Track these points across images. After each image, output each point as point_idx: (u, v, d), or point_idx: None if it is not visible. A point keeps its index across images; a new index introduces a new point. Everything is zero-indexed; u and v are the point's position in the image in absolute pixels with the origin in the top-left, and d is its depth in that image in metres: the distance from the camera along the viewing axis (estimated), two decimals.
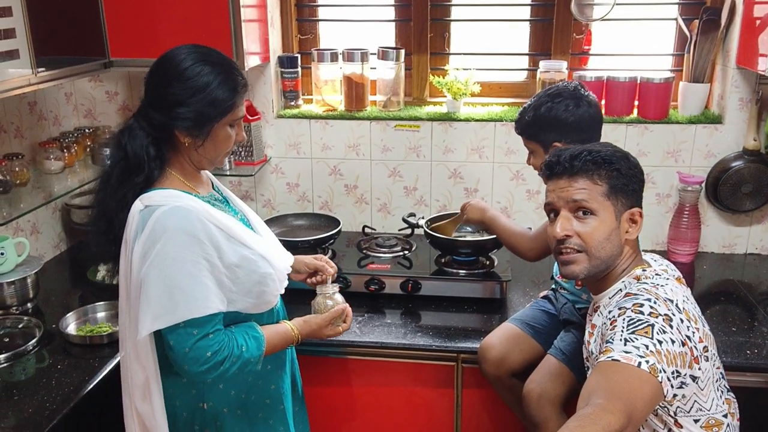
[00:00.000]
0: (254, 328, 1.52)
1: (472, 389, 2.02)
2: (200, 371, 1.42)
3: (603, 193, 1.46)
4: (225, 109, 1.46)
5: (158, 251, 1.38)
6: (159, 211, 1.41)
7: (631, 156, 1.53)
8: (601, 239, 1.46)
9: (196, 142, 1.47)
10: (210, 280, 1.41)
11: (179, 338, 1.40)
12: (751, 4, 2.25)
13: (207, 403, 1.55)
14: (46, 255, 2.52)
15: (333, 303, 1.70)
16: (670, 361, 1.28)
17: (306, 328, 1.62)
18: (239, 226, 1.52)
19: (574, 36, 2.60)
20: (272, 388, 1.64)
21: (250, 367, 1.50)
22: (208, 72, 1.44)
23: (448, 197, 2.66)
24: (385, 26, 2.73)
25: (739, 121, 2.43)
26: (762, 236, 2.55)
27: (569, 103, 1.77)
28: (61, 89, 2.64)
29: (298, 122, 2.65)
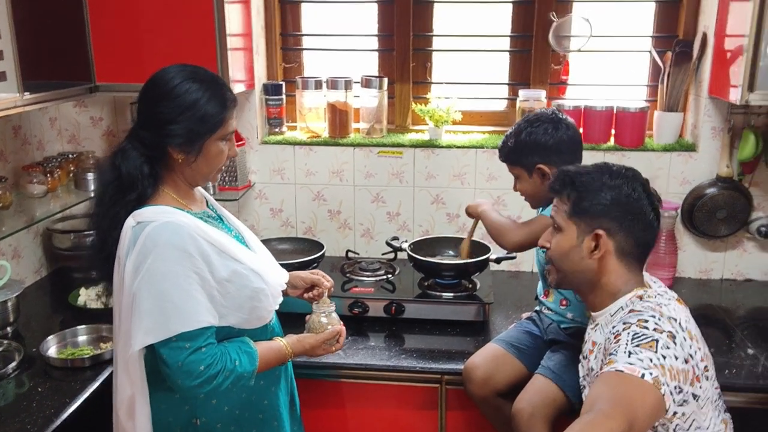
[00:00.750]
0: (247, 344, 1.52)
1: (456, 411, 2.02)
2: (193, 385, 1.42)
3: (567, 212, 1.55)
4: (215, 124, 1.48)
5: (149, 266, 1.39)
6: (150, 227, 1.42)
7: (618, 186, 1.52)
8: (561, 254, 1.57)
9: (188, 158, 1.49)
10: (201, 294, 1.42)
11: (172, 352, 1.41)
12: (722, 36, 2.34)
13: (200, 419, 1.54)
14: (27, 280, 2.50)
15: (328, 321, 1.70)
16: (673, 376, 1.31)
17: (299, 347, 1.63)
18: (231, 241, 1.54)
19: (552, 66, 2.67)
20: (265, 403, 1.64)
21: (243, 381, 1.50)
22: (196, 89, 1.47)
23: (431, 222, 2.69)
24: (369, 56, 2.79)
25: (712, 149, 2.50)
26: (737, 261, 2.61)
27: (548, 126, 1.85)
28: (45, 114, 2.64)
29: (282, 148, 2.68)
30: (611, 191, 1.52)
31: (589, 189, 1.52)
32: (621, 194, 1.52)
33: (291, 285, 1.80)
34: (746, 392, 1.90)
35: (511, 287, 2.56)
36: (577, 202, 1.53)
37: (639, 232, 1.52)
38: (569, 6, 2.61)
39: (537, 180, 1.88)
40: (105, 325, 2.10)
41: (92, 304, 2.30)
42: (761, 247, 2.58)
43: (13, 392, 1.81)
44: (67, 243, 2.57)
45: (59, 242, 2.58)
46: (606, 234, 1.51)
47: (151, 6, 2.25)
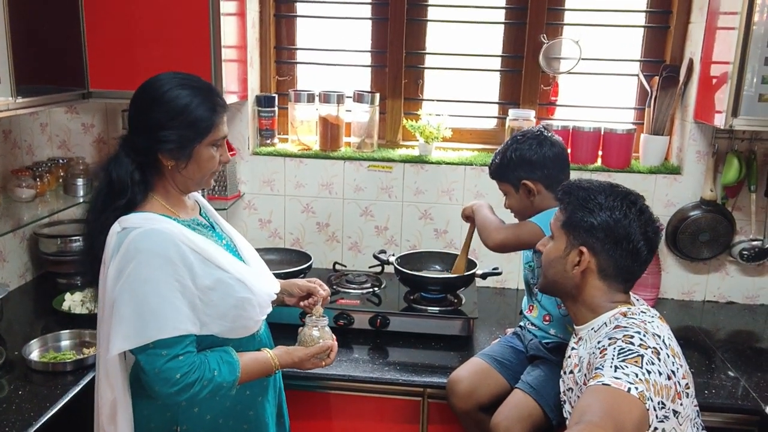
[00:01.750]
0: (229, 354, 1.51)
1: (438, 425, 2.03)
2: (170, 393, 1.42)
3: (561, 221, 1.58)
4: (205, 129, 1.49)
5: (130, 272, 1.40)
6: (134, 233, 1.43)
7: (611, 209, 1.52)
8: (548, 261, 1.61)
9: (179, 164, 1.50)
10: (181, 302, 1.42)
11: (149, 359, 1.41)
12: (708, 63, 2.39)
13: (180, 427, 1.53)
14: (12, 284, 2.48)
15: (320, 335, 1.67)
16: (657, 391, 1.33)
17: (287, 359, 1.61)
18: (217, 249, 1.54)
19: (541, 87, 2.72)
20: (251, 413, 1.62)
21: (223, 391, 1.49)
22: (186, 95, 1.48)
23: (419, 237, 2.71)
24: (362, 71, 2.82)
25: (697, 173, 2.54)
26: (719, 284, 2.64)
27: (532, 143, 1.89)
28: (36, 119, 2.65)
29: (272, 160, 2.70)
30: (602, 212, 1.53)
31: (582, 205, 1.55)
32: (611, 217, 1.52)
33: (287, 292, 1.79)
34: (725, 412, 1.92)
35: (496, 304, 2.58)
36: (570, 215, 1.56)
37: (621, 257, 1.52)
38: (560, 29, 2.66)
39: (523, 196, 1.91)
40: (88, 330, 2.09)
41: (77, 309, 2.29)
42: (743, 271, 2.61)
43: None
44: (53, 248, 2.56)
45: (45, 247, 2.57)
46: (588, 251, 1.53)
47: (147, 15, 2.27)
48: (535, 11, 2.63)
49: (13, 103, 1.98)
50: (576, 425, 1.23)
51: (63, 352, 2.01)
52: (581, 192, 1.57)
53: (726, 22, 2.25)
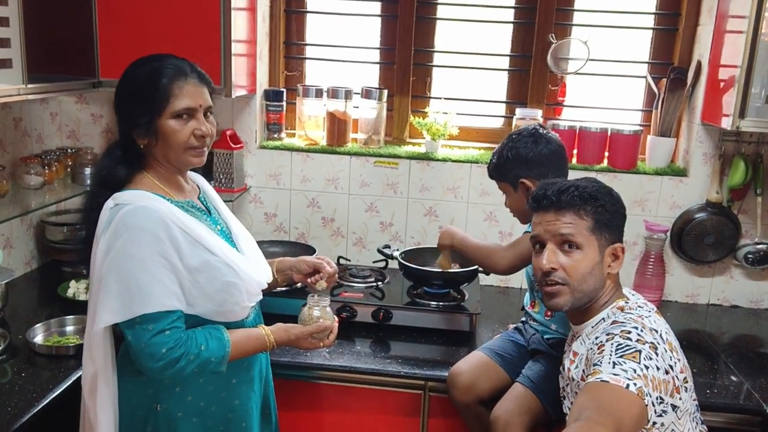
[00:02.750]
0: (219, 330, 1.52)
1: (438, 418, 2.02)
2: (156, 367, 1.43)
3: (588, 227, 1.52)
4: (160, 102, 1.48)
5: (119, 248, 1.42)
6: (124, 210, 1.45)
7: (614, 192, 1.59)
8: (584, 273, 1.51)
9: (151, 142, 1.52)
10: (168, 278, 1.44)
11: (136, 333, 1.43)
12: (716, 65, 2.39)
13: (161, 405, 1.54)
14: (18, 270, 2.50)
15: (320, 315, 1.67)
16: (655, 386, 1.33)
17: (283, 336, 1.62)
18: (207, 232, 1.54)
19: (549, 87, 2.72)
20: (236, 403, 1.63)
21: (212, 367, 1.50)
22: (140, 73, 1.51)
23: (423, 234, 2.71)
24: (370, 68, 2.83)
25: (703, 175, 2.54)
26: (723, 288, 2.63)
27: (528, 141, 1.89)
28: (46, 108, 2.67)
29: (279, 154, 2.71)
30: (620, 205, 1.57)
31: (611, 202, 1.55)
32: (622, 205, 1.57)
33: (296, 269, 1.80)
34: (727, 412, 1.91)
35: (499, 302, 2.58)
36: (598, 217, 1.52)
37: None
38: (568, 29, 2.67)
39: (522, 195, 1.91)
40: None
41: (81, 296, 2.30)
42: (747, 275, 2.61)
43: None
44: (59, 236, 2.58)
45: (52, 235, 2.59)
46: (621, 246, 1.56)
47: (159, 6, 2.29)
48: (544, 11, 2.64)
49: (24, 88, 2.00)
50: (575, 422, 1.23)
51: (67, 337, 2.02)
52: (600, 191, 1.55)
53: (734, 26, 2.25)
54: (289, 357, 2.02)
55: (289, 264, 1.82)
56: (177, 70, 1.51)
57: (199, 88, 1.54)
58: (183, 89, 1.50)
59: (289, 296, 2.13)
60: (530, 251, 1.83)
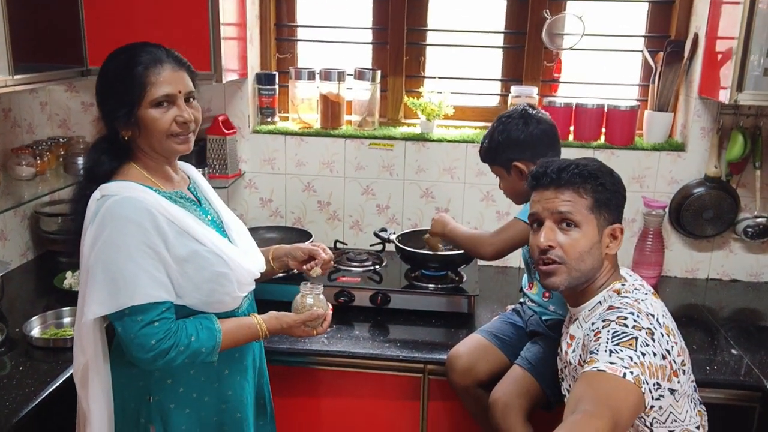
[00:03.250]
0: (210, 320, 1.51)
1: (438, 402, 2.03)
2: (146, 358, 1.43)
3: (587, 206, 1.50)
4: (138, 91, 1.45)
5: (105, 239, 1.41)
6: (110, 200, 1.44)
7: (615, 173, 1.57)
8: (582, 252, 1.49)
9: (134, 133, 1.50)
10: (155, 268, 1.43)
11: (125, 325, 1.42)
12: (713, 38, 2.36)
13: (153, 397, 1.54)
14: (13, 262, 2.49)
15: (313, 303, 1.65)
16: (652, 373, 1.32)
17: (275, 324, 1.61)
18: (195, 222, 1.52)
19: (544, 63, 2.68)
20: (229, 393, 1.62)
21: (203, 358, 1.49)
22: (115, 64, 1.49)
23: (420, 216, 2.70)
24: (363, 48, 2.79)
25: (701, 149, 2.52)
26: (723, 262, 2.62)
27: (518, 122, 1.87)
28: (36, 98, 2.64)
29: (273, 138, 2.68)
30: (621, 185, 1.56)
31: (611, 182, 1.53)
32: (621, 186, 1.56)
33: (291, 256, 1.79)
34: (727, 389, 1.90)
35: (498, 282, 2.57)
36: (598, 196, 1.50)
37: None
38: (563, 4, 2.63)
39: (516, 177, 1.89)
40: None
41: (77, 287, 2.28)
42: (747, 249, 2.59)
43: None
44: (54, 226, 2.56)
45: (46, 225, 2.57)
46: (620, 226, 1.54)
47: None
48: None
49: (10, 79, 1.97)
50: (572, 415, 1.21)
51: (64, 329, 2.02)
52: (601, 170, 1.53)
53: None
54: (288, 344, 2.01)
55: (284, 251, 1.81)
56: (152, 57, 1.47)
57: (177, 73, 1.50)
58: (160, 76, 1.47)
59: (286, 282, 2.12)
60: (518, 236, 1.83)
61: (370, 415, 2.07)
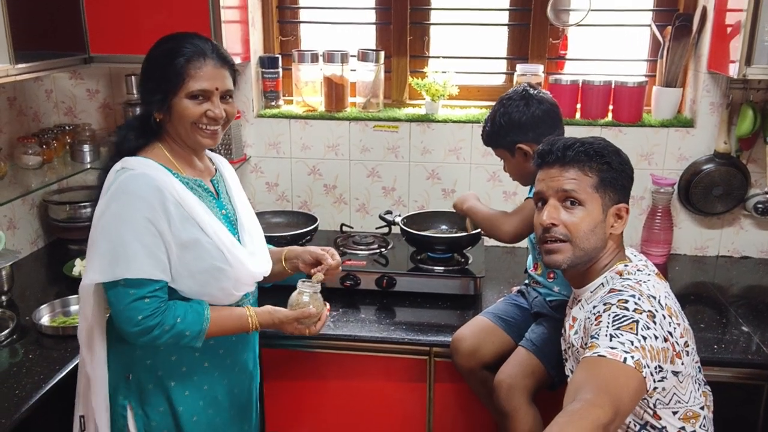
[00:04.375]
0: (201, 304, 1.52)
1: (445, 383, 2.03)
2: (131, 332, 1.46)
3: (592, 185, 1.48)
4: (175, 81, 1.48)
5: (113, 210, 1.45)
6: (125, 174, 1.48)
7: (623, 152, 1.55)
8: (586, 230, 1.48)
9: (165, 117, 1.53)
10: (156, 247, 1.45)
11: (117, 295, 1.45)
12: (722, 11, 2.31)
13: (131, 375, 1.57)
14: (23, 251, 2.51)
15: (308, 300, 1.63)
16: (653, 356, 1.31)
17: (267, 319, 1.60)
18: (204, 211, 1.53)
19: (550, 41, 2.65)
20: (205, 388, 1.63)
21: (186, 341, 1.50)
22: (160, 51, 1.52)
23: (426, 198, 2.68)
24: (366, 29, 2.76)
25: (710, 125, 2.48)
26: (733, 239, 2.59)
27: (519, 104, 1.85)
28: (41, 86, 2.65)
29: (278, 122, 2.68)
30: (628, 165, 1.54)
31: (618, 161, 1.51)
32: (629, 166, 1.54)
33: (300, 259, 1.76)
34: (734, 367, 1.89)
35: (505, 263, 2.56)
36: (603, 175, 1.49)
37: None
38: None
39: (520, 159, 1.87)
40: None
41: None
42: (757, 225, 2.56)
43: (4, 359, 1.83)
44: (63, 215, 2.58)
45: (55, 214, 2.59)
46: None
47: None
48: None
49: (12, 69, 1.97)
50: (572, 404, 1.20)
51: (72, 317, 2.04)
52: (608, 149, 1.52)
53: None
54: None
55: (295, 253, 1.78)
56: (195, 49, 1.50)
57: (218, 70, 1.52)
58: (200, 70, 1.49)
59: None
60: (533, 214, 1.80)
61: (377, 397, 2.08)
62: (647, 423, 1.43)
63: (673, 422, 1.43)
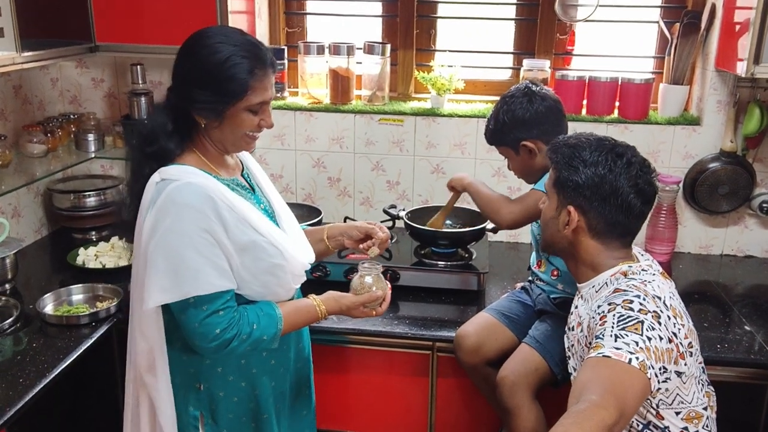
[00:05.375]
0: (270, 306, 1.49)
1: (448, 378, 2.04)
2: (209, 348, 1.42)
3: (552, 181, 1.55)
4: (239, 92, 1.41)
5: (167, 225, 1.38)
6: (171, 186, 1.40)
7: (595, 164, 1.47)
8: (543, 221, 1.61)
9: (212, 123, 1.46)
10: (217, 257, 1.40)
11: (189, 314, 1.40)
12: (731, 8, 2.29)
13: (203, 384, 1.53)
14: (27, 239, 2.52)
15: (372, 282, 1.60)
16: (658, 357, 1.31)
17: (335, 306, 1.57)
18: (254, 212, 1.49)
19: (557, 36, 2.63)
20: (273, 384, 1.62)
21: (264, 345, 1.48)
22: (224, 52, 1.40)
23: (431, 192, 2.68)
24: (372, 21, 2.75)
25: (717, 123, 2.47)
26: (737, 238, 2.59)
27: (522, 101, 1.85)
28: (46, 74, 2.64)
29: (282, 114, 2.67)
30: (587, 168, 1.47)
31: (567, 163, 1.50)
32: (595, 173, 1.47)
33: (347, 235, 1.75)
34: (737, 367, 1.89)
35: (509, 258, 2.56)
36: (558, 174, 1.52)
37: (612, 213, 1.48)
38: None
39: (525, 156, 1.87)
40: (102, 284, 2.12)
41: (90, 264, 2.31)
42: (762, 224, 2.56)
43: (8, 347, 1.84)
44: (67, 203, 2.58)
45: (59, 202, 2.59)
46: (576, 210, 1.50)
47: None
48: None
49: (18, 57, 1.97)
50: (577, 404, 1.20)
51: (76, 306, 2.04)
52: (566, 149, 1.52)
53: None
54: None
55: (339, 230, 1.77)
56: (258, 60, 1.42)
57: (272, 77, 1.47)
58: (261, 83, 1.43)
59: None
60: (536, 205, 1.80)
61: (380, 391, 2.09)
62: (650, 423, 1.43)
63: (676, 422, 1.43)
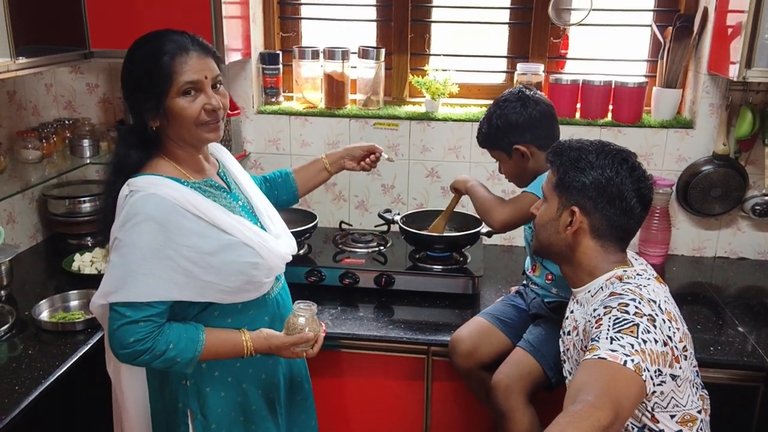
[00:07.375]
0: (197, 330, 1.49)
1: (442, 382, 2.04)
2: (120, 354, 1.44)
3: (553, 183, 1.56)
4: (164, 81, 1.42)
5: (124, 234, 1.42)
6: (135, 197, 1.43)
7: (602, 167, 1.49)
8: (541, 223, 1.60)
9: (163, 123, 1.47)
10: (167, 268, 1.41)
11: (113, 316, 1.43)
12: (723, 12, 2.31)
13: (189, 381, 1.55)
14: (22, 245, 2.51)
15: (305, 323, 1.55)
16: (653, 360, 1.32)
17: (263, 344, 1.54)
18: (223, 212, 1.50)
19: (551, 40, 2.65)
20: (263, 377, 1.63)
21: (178, 367, 1.48)
22: (140, 55, 1.45)
23: (426, 196, 2.69)
24: (367, 26, 2.76)
25: (710, 126, 2.48)
26: (730, 240, 2.60)
27: (516, 105, 1.85)
28: (41, 80, 2.64)
29: (277, 118, 2.68)
30: (594, 171, 1.50)
31: (574, 164, 1.52)
32: (602, 175, 1.49)
33: (349, 156, 1.95)
34: (730, 369, 1.91)
35: (503, 261, 2.57)
36: (561, 176, 1.53)
37: (615, 215, 1.50)
38: None
39: (517, 160, 1.88)
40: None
41: (86, 270, 2.31)
42: (755, 226, 2.57)
43: (3, 354, 1.84)
44: (62, 209, 2.58)
45: (54, 208, 2.59)
46: (581, 211, 1.51)
47: None
48: None
49: (12, 64, 1.97)
50: (573, 405, 1.21)
51: (72, 312, 2.04)
52: (572, 152, 1.53)
53: None
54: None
55: (339, 155, 1.95)
56: (177, 45, 1.44)
57: (203, 60, 1.47)
58: (186, 65, 1.44)
59: None
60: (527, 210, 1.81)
61: (375, 395, 2.10)
62: (645, 426, 1.44)
63: (671, 425, 1.44)
